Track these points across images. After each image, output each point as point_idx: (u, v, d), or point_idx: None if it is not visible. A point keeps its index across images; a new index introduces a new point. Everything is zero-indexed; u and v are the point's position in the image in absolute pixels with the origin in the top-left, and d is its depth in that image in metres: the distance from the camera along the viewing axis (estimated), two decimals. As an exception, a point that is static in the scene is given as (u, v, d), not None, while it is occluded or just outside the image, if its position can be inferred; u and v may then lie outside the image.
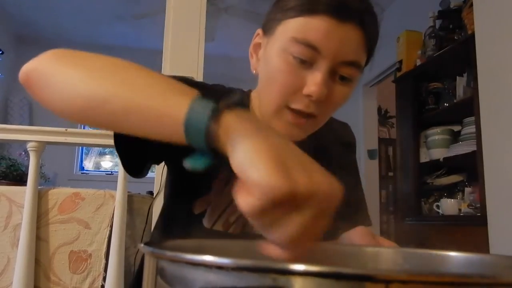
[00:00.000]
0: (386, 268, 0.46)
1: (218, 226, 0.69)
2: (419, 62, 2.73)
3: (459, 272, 0.40)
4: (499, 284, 0.23)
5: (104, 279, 1.47)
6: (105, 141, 1.57)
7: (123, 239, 1.49)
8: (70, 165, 4.99)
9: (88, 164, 5.25)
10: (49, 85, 0.48)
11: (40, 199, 1.50)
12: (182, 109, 0.39)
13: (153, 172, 1.67)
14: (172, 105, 0.40)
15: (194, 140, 0.39)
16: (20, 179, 1.86)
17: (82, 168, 5.17)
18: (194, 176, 0.63)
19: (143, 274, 0.33)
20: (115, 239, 1.47)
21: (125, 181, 1.54)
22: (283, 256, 0.34)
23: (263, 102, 0.67)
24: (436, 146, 2.57)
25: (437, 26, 2.64)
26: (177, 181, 0.74)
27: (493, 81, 1.88)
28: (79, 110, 0.46)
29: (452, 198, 2.45)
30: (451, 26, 2.53)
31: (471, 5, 2.10)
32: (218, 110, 0.38)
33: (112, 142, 0.60)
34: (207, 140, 0.38)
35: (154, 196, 1.62)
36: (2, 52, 4.26)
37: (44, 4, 4.12)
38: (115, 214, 1.50)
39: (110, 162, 5.30)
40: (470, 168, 2.25)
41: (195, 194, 0.70)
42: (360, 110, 3.89)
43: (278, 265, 0.23)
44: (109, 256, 1.47)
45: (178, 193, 0.74)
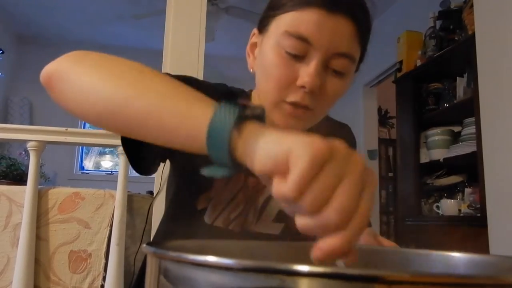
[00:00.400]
0: (390, 269, 0.46)
1: (219, 223, 0.70)
2: (419, 63, 2.73)
3: (463, 273, 0.40)
4: (504, 285, 0.23)
5: (104, 278, 1.47)
6: (105, 141, 1.57)
7: (123, 239, 1.49)
8: (70, 164, 4.99)
9: (88, 164, 5.25)
10: (70, 87, 0.48)
11: (40, 198, 1.50)
12: (206, 116, 0.38)
13: (153, 172, 1.66)
14: (195, 111, 0.39)
15: (216, 148, 0.37)
16: (20, 179, 1.86)
17: (82, 168, 5.17)
18: (198, 172, 0.63)
19: (146, 274, 0.33)
20: (115, 238, 1.47)
21: (125, 181, 1.54)
22: (335, 247, 0.30)
23: (262, 97, 0.68)
24: (436, 146, 2.57)
25: (438, 27, 2.64)
26: (181, 177, 0.74)
27: (493, 81, 1.88)
28: (99, 113, 0.46)
29: (452, 198, 2.45)
30: (451, 27, 2.53)
31: (472, 5, 2.10)
32: (242, 120, 0.37)
33: (112, 142, 0.61)
34: (229, 149, 0.36)
35: (154, 196, 1.62)
36: (3, 52, 4.26)
37: (44, 4, 4.12)
38: (115, 214, 1.50)
39: (110, 162, 5.30)
40: (470, 168, 2.25)
41: (199, 190, 0.70)
42: (360, 111, 3.89)
43: (283, 266, 0.23)
44: (109, 256, 1.47)
45: (182, 189, 0.74)
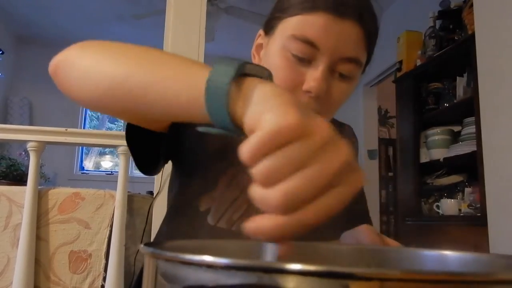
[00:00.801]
0: (382, 268, 0.46)
1: (222, 223, 0.69)
2: (419, 62, 2.73)
3: (454, 270, 0.40)
4: (493, 281, 0.23)
5: (104, 279, 1.47)
6: (105, 141, 1.57)
7: (123, 239, 1.49)
8: (70, 165, 4.99)
9: (88, 164, 5.25)
10: (75, 70, 0.49)
11: (40, 199, 1.50)
12: (206, 74, 0.37)
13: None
14: (195, 73, 0.40)
15: (214, 106, 0.36)
16: (20, 179, 1.86)
17: (82, 168, 5.17)
18: (201, 173, 0.63)
19: (143, 275, 0.33)
20: (115, 239, 1.47)
21: (125, 181, 1.54)
22: (269, 227, 0.28)
23: None
24: (436, 146, 2.57)
25: (437, 26, 2.64)
26: (183, 178, 0.74)
27: (493, 81, 1.88)
28: (104, 91, 0.46)
29: (452, 198, 2.45)
30: (451, 26, 2.53)
31: (471, 5, 2.10)
32: (241, 73, 0.36)
33: (112, 142, 0.61)
34: (229, 106, 0.35)
35: (154, 196, 1.62)
36: (2, 52, 4.26)
37: (44, 4, 4.12)
38: (115, 214, 1.50)
39: (110, 162, 5.30)
40: (470, 168, 2.25)
41: (201, 191, 0.70)
42: (360, 110, 3.89)
43: (274, 265, 0.23)
44: (109, 256, 1.47)
45: (184, 190, 0.74)
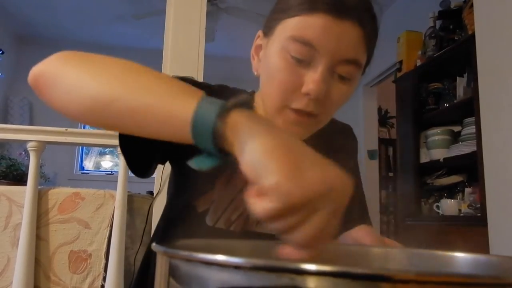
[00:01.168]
0: (399, 269, 0.46)
1: (220, 224, 0.70)
2: (419, 63, 2.73)
3: (470, 273, 0.40)
4: (505, 284, 0.23)
5: (104, 279, 1.47)
6: (105, 141, 1.57)
7: (123, 239, 1.49)
8: (70, 165, 4.99)
9: (88, 164, 5.25)
10: (58, 86, 0.48)
11: (40, 199, 1.50)
12: (190, 107, 0.39)
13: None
14: (180, 104, 0.40)
15: (201, 139, 0.39)
16: (20, 179, 1.86)
17: (82, 168, 5.17)
18: (198, 174, 0.63)
19: (156, 274, 0.33)
20: (115, 239, 1.47)
21: (125, 181, 1.54)
22: (300, 257, 0.34)
23: (265, 102, 0.67)
24: (436, 146, 2.57)
25: (438, 27, 2.64)
26: (181, 179, 0.74)
27: (493, 81, 1.88)
28: (86, 110, 0.46)
29: (452, 198, 2.45)
30: (451, 27, 2.53)
31: (472, 5, 2.10)
32: (226, 109, 0.38)
33: (112, 142, 0.61)
34: (214, 139, 0.38)
35: (154, 196, 1.62)
36: (3, 52, 4.26)
37: (44, 4, 4.12)
38: (115, 214, 1.50)
39: (110, 162, 5.30)
40: (470, 168, 2.25)
41: (199, 192, 0.70)
42: (360, 110, 3.89)
43: (293, 265, 0.24)
44: (109, 256, 1.47)
45: (182, 191, 0.74)
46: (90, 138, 1.60)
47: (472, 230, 2.10)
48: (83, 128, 4.94)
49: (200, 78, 1.69)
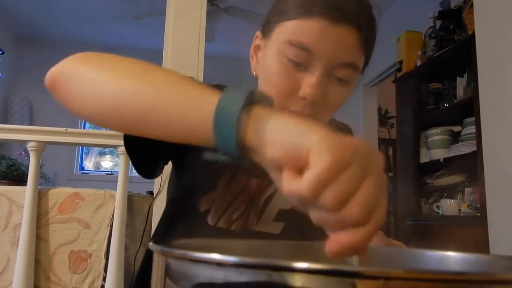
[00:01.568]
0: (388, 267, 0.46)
1: (222, 223, 0.70)
2: (419, 63, 2.73)
3: (455, 270, 0.40)
4: (492, 281, 0.23)
5: (104, 279, 1.47)
6: (105, 141, 1.57)
7: (123, 239, 1.49)
8: (70, 165, 4.99)
9: (88, 164, 5.26)
10: (75, 86, 0.48)
11: (40, 199, 1.50)
12: (212, 101, 0.37)
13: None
14: (202, 98, 0.40)
15: (222, 132, 0.36)
16: (20, 179, 1.86)
17: (82, 168, 5.17)
18: (200, 174, 0.62)
19: (152, 272, 0.33)
20: (115, 239, 1.47)
21: (125, 181, 1.54)
22: (357, 241, 0.31)
23: None
24: (436, 146, 2.57)
25: (437, 27, 2.64)
26: (182, 179, 0.74)
27: (493, 81, 1.88)
28: (105, 109, 0.45)
29: (452, 198, 2.45)
30: (451, 27, 2.53)
31: (472, 5, 2.10)
32: (251, 100, 0.37)
33: (112, 142, 0.61)
34: (237, 133, 0.36)
35: (154, 196, 1.62)
36: (2, 52, 4.26)
37: (44, 4, 4.12)
38: (115, 214, 1.51)
39: (110, 162, 5.30)
40: (470, 168, 2.25)
41: (201, 192, 0.70)
42: (360, 110, 3.89)
43: (282, 263, 0.24)
44: (109, 256, 1.47)
45: (184, 190, 0.74)
46: (90, 138, 1.60)
47: (472, 230, 2.10)
48: (83, 128, 4.95)
49: (200, 78, 1.69)
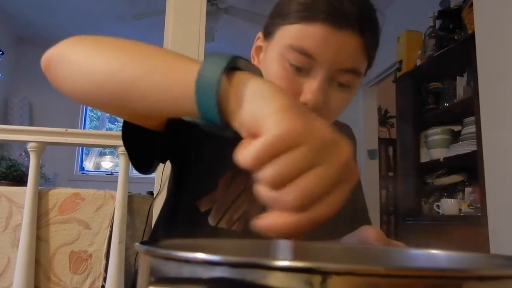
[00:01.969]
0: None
1: (223, 224, 0.70)
2: (419, 62, 2.73)
3: (437, 267, 0.40)
4: (471, 277, 0.24)
5: (105, 279, 1.47)
6: (105, 141, 1.57)
7: (123, 239, 1.49)
8: (70, 165, 4.99)
9: (88, 165, 5.26)
10: (68, 64, 0.49)
11: (40, 199, 1.50)
12: (195, 69, 0.37)
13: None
14: (183, 68, 0.40)
15: (204, 99, 0.36)
16: (20, 180, 1.86)
17: (82, 169, 5.17)
18: (200, 174, 0.62)
19: (138, 273, 0.33)
20: (115, 239, 1.47)
21: (125, 182, 1.54)
22: (285, 225, 0.29)
23: None
24: (436, 146, 2.57)
25: (437, 26, 2.64)
26: (182, 179, 0.74)
27: (493, 81, 1.88)
28: (95, 86, 0.46)
29: (452, 198, 2.45)
30: (451, 26, 2.53)
31: (471, 5, 2.10)
32: (233, 65, 0.37)
33: (112, 142, 0.61)
34: (218, 98, 0.35)
35: (154, 196, 1.62)
36: (2, 53, 4.26)
37: (44, 4, 4.12)
38: (115, 214, 1.50)
39: (110, 163, 5.30)
40: (470, 168, 2.25)
41: (202, 192, 0.70)
42: (360, 110, 3.89)
43: (247, 260, 0.24)
44: (109, 257, 1.47)
45: (183, 191, 0.74)
46: (90, 139, 1.60)
47: (472, 230, 2.10)
48: (83, 129, 4.95)
49: (200, 78, 1.69)
